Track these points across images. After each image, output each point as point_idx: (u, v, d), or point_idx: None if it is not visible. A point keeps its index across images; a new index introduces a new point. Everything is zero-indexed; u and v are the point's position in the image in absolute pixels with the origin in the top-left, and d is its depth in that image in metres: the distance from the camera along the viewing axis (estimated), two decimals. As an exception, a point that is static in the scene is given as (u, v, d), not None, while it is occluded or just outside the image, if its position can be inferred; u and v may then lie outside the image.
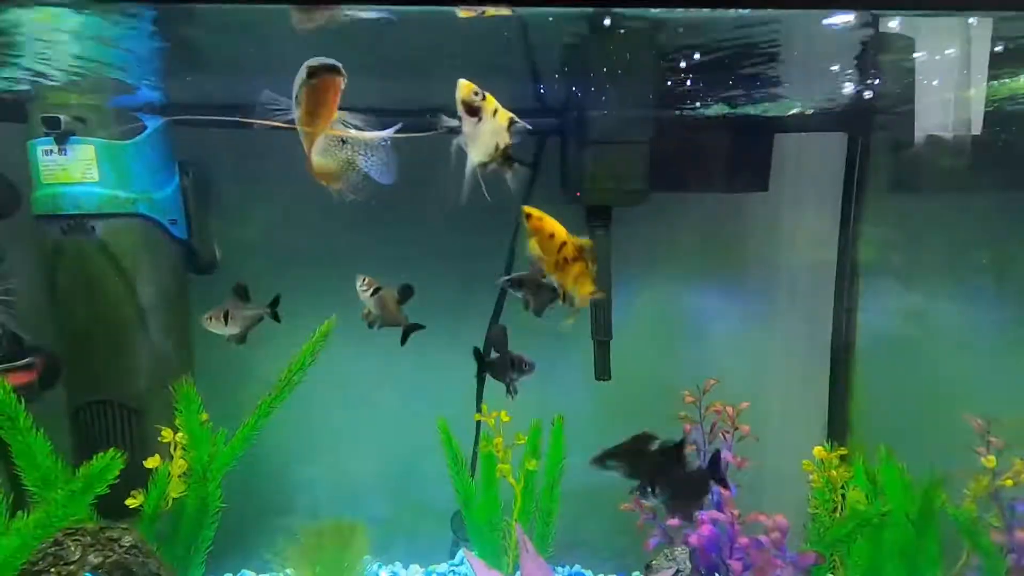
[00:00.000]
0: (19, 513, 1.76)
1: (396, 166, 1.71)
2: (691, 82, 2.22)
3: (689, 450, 2.21)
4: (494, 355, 2.10)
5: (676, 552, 2.12)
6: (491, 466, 2.29)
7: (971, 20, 1.87)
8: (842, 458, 1.99)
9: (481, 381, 2.56)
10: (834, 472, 1.97)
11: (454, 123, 1.59)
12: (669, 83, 2.20)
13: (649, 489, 1.71)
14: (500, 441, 2.20)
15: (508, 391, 2.02)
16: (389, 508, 2.65)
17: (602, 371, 2.35)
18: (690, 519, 1.85)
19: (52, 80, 1.88)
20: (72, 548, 1.74)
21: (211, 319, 2.02)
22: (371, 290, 1.92)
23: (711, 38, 1.95)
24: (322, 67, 1.38)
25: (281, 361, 2.26)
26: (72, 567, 1.71)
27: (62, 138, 1.89)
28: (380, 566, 2.50)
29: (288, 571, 1.80)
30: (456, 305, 2.65)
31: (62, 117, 1.88)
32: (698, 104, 2.30)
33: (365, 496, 2.65)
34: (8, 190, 2.10)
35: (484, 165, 1.65)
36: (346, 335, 2.34)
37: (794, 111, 2.46)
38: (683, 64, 2.10)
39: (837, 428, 2.52)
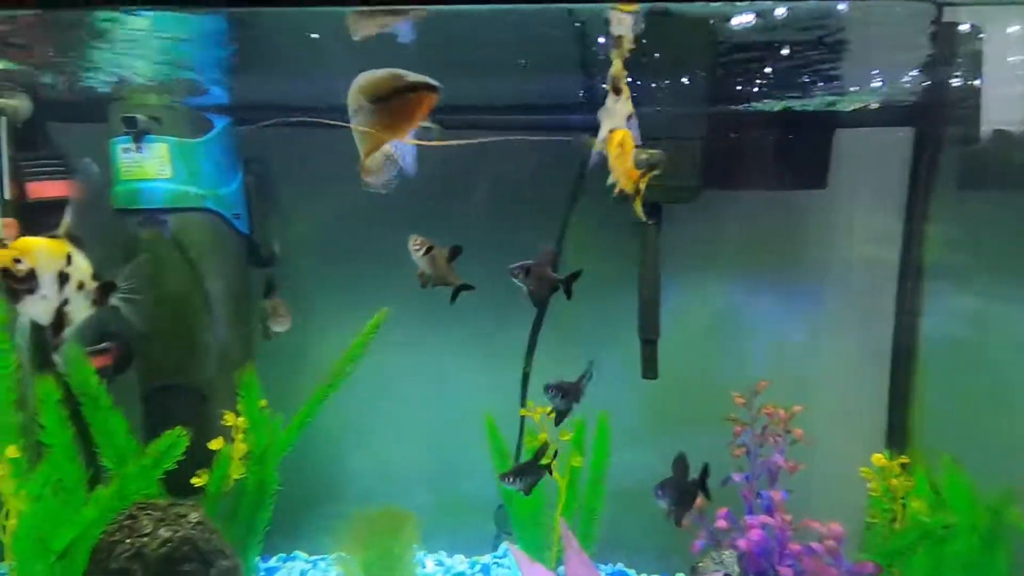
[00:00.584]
0: (98, 487, 1.91)
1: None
2: (748, 76, 2.18)
3: (738, 452, 2.18)
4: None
5: (724, 555, 2.09)
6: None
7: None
8: (903, 466, 1.91)
9: (526, 377, 2.58)
10: (895, 481, 1.90)
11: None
12: (725, 76, 2.16)
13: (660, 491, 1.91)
14: (545, 436, 2.21)
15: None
16: (433, 498, 2.70)
17: (649, 370, 2.33)
18: (679, 524, 1.95)
19: (132, 82, 2.01)
20: (145, 521, 1.85)
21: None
22: (423, 249, 1.93)
23: (770, 29, 1.90)
24: (423, 84, 1.31)
25: (334, 351, 2.36)
26: (145, 539, 1.82)
27: (139, 137, 2.02)
28: (425, 554, 2.56)
29: (341, 554, 1.86)
30: (504, 300, 2.68)
31: (139, 117, 2.01)
32: (755, 99, 2.25)
33: (410, 486, 2.72)
34: (90, 185, 2.25)
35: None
36: (396, 328, 2.41)
37: (857, 105, 2.37)
38: (740, 57, 2.07)
39: (896, 435, 2.41)
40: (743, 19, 1.82)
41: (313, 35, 1.90)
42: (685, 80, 2.10)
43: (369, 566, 1.85)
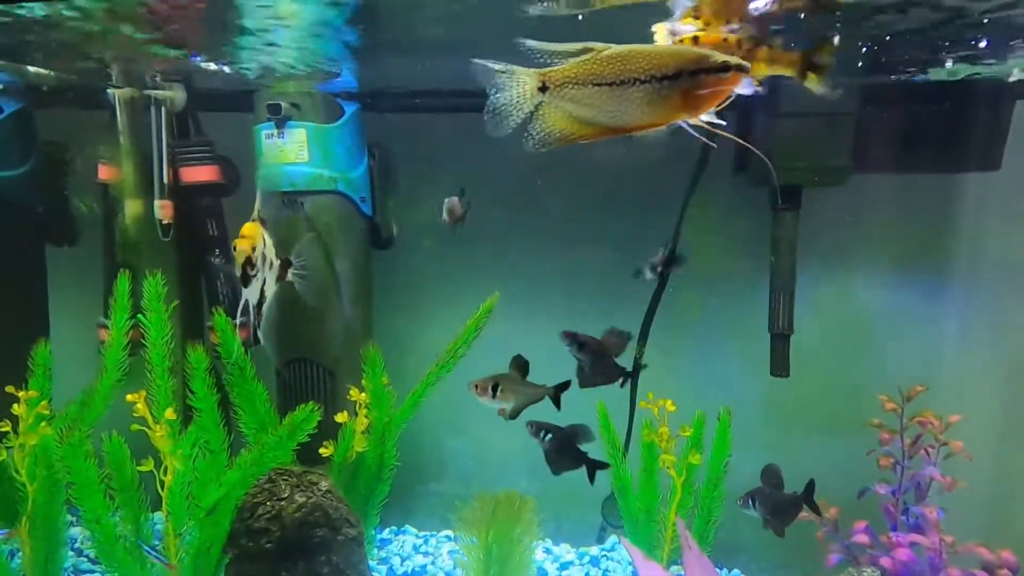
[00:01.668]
0: (241, 451, 2.05)
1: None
2: (906, 41, 1.95)
3: (885, 463, 2.00)
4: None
5: (865, 572, 1.92)
6: (652, 455, 2.23)
7: None
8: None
9: (637, 366, 2.50)
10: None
11: None
12: (878, 43, 1.94)
13: (751, 501, 1.88)
14: (666, 430, 2.13)
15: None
16: (537, 485, 2.69)
17: (779, 367, 2.17)
18: (781, 535, 1.90)
19: (276, 71, 2.12)
20: (283, 486, 1.97)
21: (477, 387, 1.98)
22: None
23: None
24: (735, 65, 1.23)
25: (445, 334, 2.40)
26: (283, 502, 1.94)
27: (281, 123, 2.13)
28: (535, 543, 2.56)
29: (462, 535, 1.89)
30: (612, 288, 2.61)
31: (282, 104, 2.12)
32: (917, 67, 2.01)
33: (513, 471, 2.72)
34: (233, 171, 2.42)
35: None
36: (507, 312, 2.41)
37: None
38: (897, 16, 1.85)
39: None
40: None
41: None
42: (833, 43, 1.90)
43: (489, 548, 1.86)
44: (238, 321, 2.35)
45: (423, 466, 2.75)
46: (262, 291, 1.57)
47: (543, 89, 1.32)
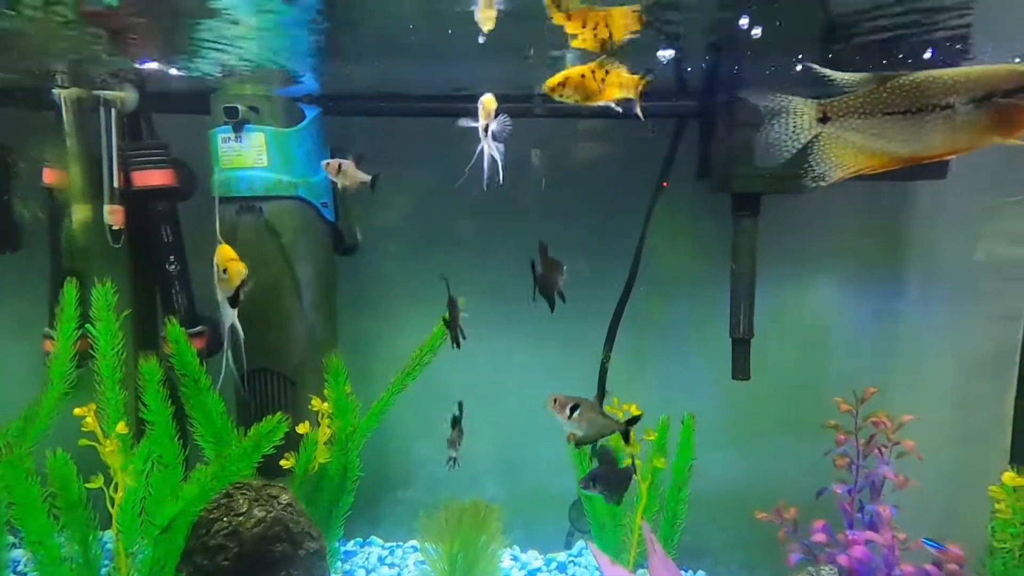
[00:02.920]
0: (198, 466, 1.98)
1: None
2: (861, 53, 2.01)
3: (841, 463, 2.05)
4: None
5: (823, 570, 1.96)
6: (617, 460, 2.24)
7: None
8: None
9: (603, 371, 2.52)
10: (1030, 503, 1.72)
11: None
12: (833, 55, 2.01)
13: (592, 482, 1.91)
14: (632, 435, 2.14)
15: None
16: (505, 492, 2.68)
17: (740, 370, 2.22)
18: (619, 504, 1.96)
19: (233, 72, 2.06)
20: (240, 500, 1.91)
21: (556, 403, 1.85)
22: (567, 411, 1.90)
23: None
24: None
25: (411, 341, 2.36)
26: (241, 518, 1.88)
27: (239, 126, 2.07)
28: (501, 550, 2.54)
29: (427, 544, 1.87)
30: (579, 292, 2.62)
31: (239, 107, 2.06)
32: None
33: (482, 478, 2.71)
34: (189, 175, 2.34)
35: None
36: (473, 319, 2.40)
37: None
38: (851, 32, 1.91)
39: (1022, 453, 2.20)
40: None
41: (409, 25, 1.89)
42: (795, 56, 1.96)
43: (453, 557, 1.84)
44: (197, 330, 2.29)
45: (390, 475, 2.71)
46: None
47: (823, 120, 1.29)
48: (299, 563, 1.95)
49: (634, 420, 1.91)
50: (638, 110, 1.65)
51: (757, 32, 1.83)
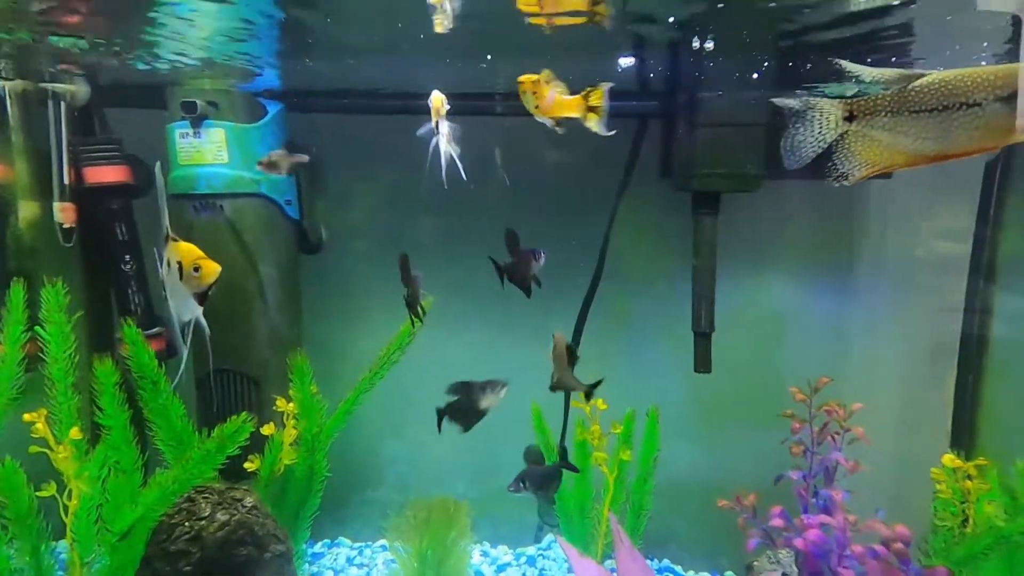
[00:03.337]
0: (158, 470, 1.92)
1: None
2: (812, 60, 2.10)
3: (796, 450, 2.13)
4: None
5: (781, 554, 2.04)
6: (585, 454, 2.28)
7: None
8: (978, 468, 1.84)
9: (571, 366, 2.55)
10: (968, 483, 1.83)
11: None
12: (788, 61, 2.09)
13: (521, 483, 1.92)
14: (598, 429, 2.18)
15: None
16: (474, 489, 2.69)
17: (702, 363, 2.28)
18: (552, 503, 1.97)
19: (189, 66, 2.01)
20: (203, 505, 1.87)
21: None
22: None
23: (832, 13, 1.83)
24: None
25: (378, 340, 2.35)
26: (203, 522, 1.84)
27: (197, 122, 2.02)
28: (470, 545, 2.55)
29: (396, 543, 1.86)
30: (546, 290, 2.65)
31: (198, 102, 2.01)
32: (823, 83, 2.17)
33: (451, 476, 2.72)
34: (144, 171, 2.27)
35: None
36: (440, 318, 2.40)
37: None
38: (803, 40, 1.99)
39: (962, 437, 2.34)
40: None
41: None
42: (748, 64, 2.03)
43: (423, 554, 1.85)
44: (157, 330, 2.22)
45: (358, 475, 2.69)
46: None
47: (849, 119, 1.28)
48: (265, 566, 1.92)
49: (596, 384, 1.92)
50: (602, 128, 1.65)
51: (710, 44, 1.89)
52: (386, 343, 2.30)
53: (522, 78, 1.61)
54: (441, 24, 1.71)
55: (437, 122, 1.71)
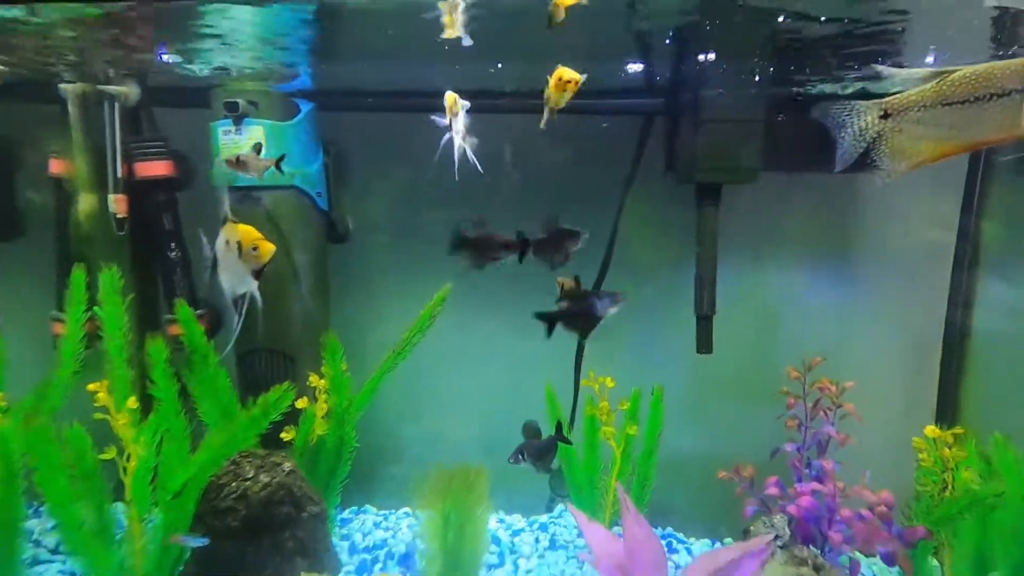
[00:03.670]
0: (206, 435, 2.12)
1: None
2: (805, 61, 2.24)
3: (791, 424, 2.29)
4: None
5: (775, 520, 2.20)
6: (594, 429, 2.45)
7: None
8: (955, 437, 1.99)
9: (580, 349, 2.72)
10: (947, 451, 1.98)
11: None
12: (783, 62, 2.23)
13: (520, 455, 2.09)
14: (606, 405, 2.35)
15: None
16: (489, 463, 2.86)
17: (704, 344, 2.44)
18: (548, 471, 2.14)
19: (232, 70, 2.19)
20: (247, 467, 2.07)
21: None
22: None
23: (824, 17, 1.96)
24: None
25: (397, 324, 2.51)
26: (248, 482, 2.04)
27: (238, 120, 2.20)
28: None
29: (421, 506, 2.04)
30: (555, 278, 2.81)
31: (240, 101, 2.19)
32: (812, 83, 2.31)
33: (468, 451, 2.89)
34: (189, 166, 2.46)
35: None
36: (458, 303, 2.57)
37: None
38: (797, 43, 2.12)
39: (947, 415, 2.48)
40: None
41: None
42: (747, 64, 2.17)
43: (447, 516, 2.02)
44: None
45: (382, 452, 2.87)
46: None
47: (884, 116, 1.36)
48: (302, 525, 2.12)
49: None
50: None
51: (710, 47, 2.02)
52: (405, 327, 2.46)
53: (568, 75, 1.70)
54: (451, 29, 1.84)
55: (451, 120, 1.83)
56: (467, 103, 1.86)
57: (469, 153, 1.89)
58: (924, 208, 2.56)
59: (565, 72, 1.72)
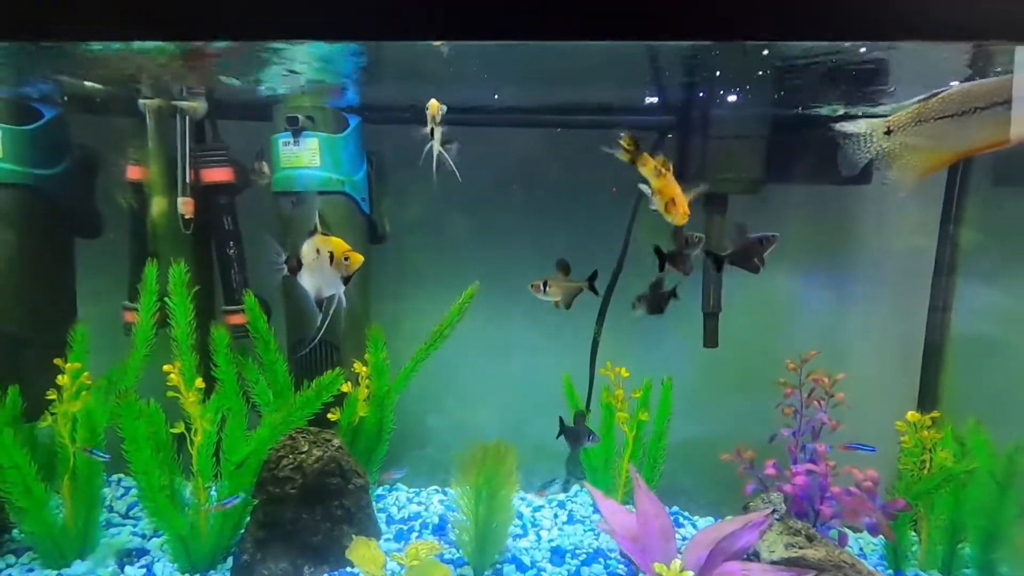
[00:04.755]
0: (267, 413, 2.37)
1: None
2: (803, 86, 2.49)
3: (787, 411, 2.53)
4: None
5: (772, 497, 2.43)
6: (610, 415, 2.69)
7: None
8: (933, 420, 2.23)
9: (595, 344, 2.96)
10: (925, 433, 2.21)
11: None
12: (783, 87, 2.48)
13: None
14: (620, 393, 2.59)
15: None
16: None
17: (710, 340, 2.69)
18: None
19: (292, 88, 2.45)
20: (302, 442, 2.31)
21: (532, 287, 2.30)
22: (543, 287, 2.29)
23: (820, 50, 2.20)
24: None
25: (430, 318, 2.75)
26: (303, 455, 2.28)
27: (297, 133, 2.47)
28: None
29: (457, 478, 2.27)
30: (576, 279, 3.05)
31: (299, 116, 2.45)
32: (810, 105, 2.56)
33: (488, 437, 3.10)
34: (244, 173, 2.72)
35: None
36: (485, 300, 2.81)
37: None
38: (794, 69, 2.37)
39: (927, 403, 2.72)
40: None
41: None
42: (749, 88, 2.43)
43: (479, 488, 2.25)
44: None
45: (411, 437, 3.10)
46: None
47: (888, 133, 1.50)
48: (349, 495, 2.36)
49: (593, 276, 2.29)
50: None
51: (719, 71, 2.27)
52: (436, 321, 2.68)
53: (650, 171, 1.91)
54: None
55: (432, 127, 1.94)
56: (444, 107, 1.99)
57: (449, 160, 2.01)
58: (908, 218, 2.81)
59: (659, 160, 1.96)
